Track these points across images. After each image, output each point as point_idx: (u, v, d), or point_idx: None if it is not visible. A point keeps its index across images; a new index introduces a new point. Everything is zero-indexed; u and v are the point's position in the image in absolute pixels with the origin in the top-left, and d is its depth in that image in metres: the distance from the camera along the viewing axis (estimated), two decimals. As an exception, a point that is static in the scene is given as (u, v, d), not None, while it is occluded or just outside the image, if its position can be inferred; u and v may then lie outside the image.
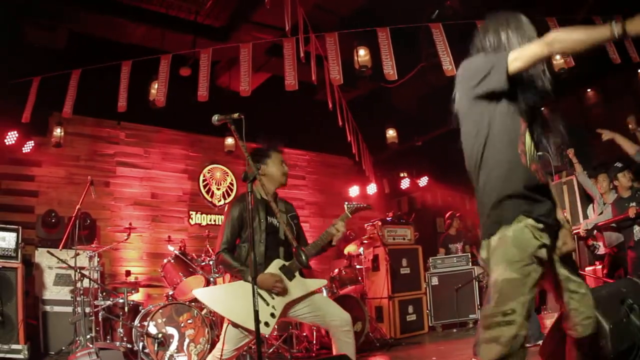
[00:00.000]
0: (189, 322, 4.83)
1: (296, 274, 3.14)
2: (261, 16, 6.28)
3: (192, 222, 8.03)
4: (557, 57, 5.67)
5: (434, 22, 5.48)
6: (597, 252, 5.94)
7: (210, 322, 4.91)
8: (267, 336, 5.03)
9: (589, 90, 7.57)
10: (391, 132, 8.26)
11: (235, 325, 2.92)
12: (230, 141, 7.97)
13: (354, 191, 9.48)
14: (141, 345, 4.60)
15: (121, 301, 5.08)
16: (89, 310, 4.86)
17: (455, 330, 6.94)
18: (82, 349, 4.40)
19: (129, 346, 4.79)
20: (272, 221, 3.19)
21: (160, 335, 4.62)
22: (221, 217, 8.06)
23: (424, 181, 9.39)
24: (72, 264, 4.92)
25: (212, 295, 3.17)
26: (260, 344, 2.53)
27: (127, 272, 5.99)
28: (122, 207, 7.49)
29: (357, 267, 6.88)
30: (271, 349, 5.53)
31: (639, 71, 6.66)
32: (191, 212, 8.06)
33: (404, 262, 7.31)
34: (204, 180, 8.33)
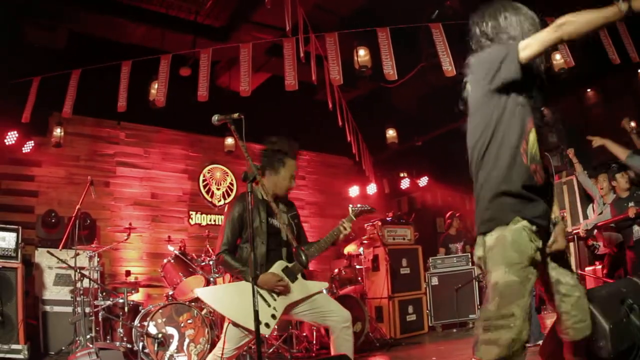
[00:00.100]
0: (189, 322, 4.83)
1: (298, 275, 3.13)
2: (261, 16, 6.29)
3: (192, 222, 8.04)
4: (557, 57, 5.67)
5: (434, 22, 5.48)
6: (597, 252, 5.94)
7: (210, 322, 4.91)
8: (267, 336, 5.04)
9: (589, 90, 7.57)
10: (391, 132, 8.26)
11: (235, 324, 2.91)
12: (230, 141, 7.97)
13: (354, 191, 9.48)
14: (141, 345, 4.60)
15: (121, 301, 5.08)
16: (89, 310, 4.85)
17: (455, 330, 6.94)
18: (82, 349, 4.40)
19: (129, 346, 4.78)
20: (274, 222, 3.16)
21: (160, 335, 4.62)
22: (221, 217, 8.06)
23: (424, 181, 9.39)
24: (72, 264, 4.92)
25: (214, 294, 3.16)
26: (260, 344, 2.53)
27: (127, 272, 5.99)
28: (122, 207, 7.49)
29: (357, 267, 6.88)
30: (271, 349, 5.53)
31: (639, 71, 6.66)
32: (191, 212, 8.07)
33: (404, 262, 7.31)
34: (204, 180, 8.33)
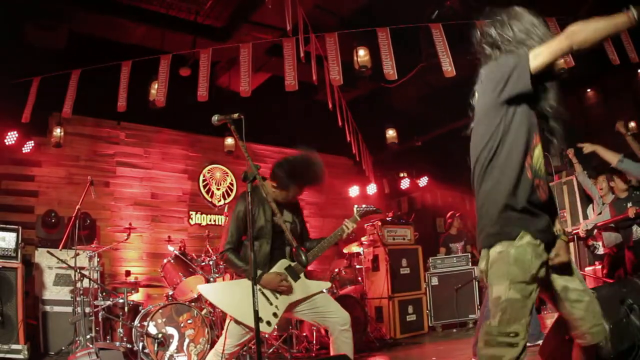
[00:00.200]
0: (189, 322, 4.83)
1: (301, 275, 3.15)
2: (261, 16, 6.30)
3: (192, 222, 8.04)
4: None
5: (433, 22, 5.48)
6: (597, 252, 5.95)
7: (210, 322, 4.91)
8: (267, 335, 5.04)
9: (588, 90, 7.58)
10: (391, 132, 8.26)
11: (237, 322, 2.93)
12: (230, 141, 7.98)
13: (354, 191, 9.47)
14: (141, 345, 4.60)
15: (121, 301, 5.08)
16: (88, 310, 4.85)
17: (455, 330, 6.94)
18: (82, 349, 4.40)
19: (129, 346, 4.78)
20: (278, 221, 3.18)
21: (160, 335, 4.62)
22: (221, 217, 8.07)
23: (423, 181, 9.39)
24: (72, 264, 4.92)
25: (216, 291, 3.18)
26: (260, 343, 2.53)
27: (127, 272, 5.99)
28: (122, 207, 7.49)
29: (357, 267, 6.88)
30: (271, 349, 5.53)
31: (639, 71, 6.67)
32: (191, 212, 8.07)
33: (404, 262, 7.31)
34: (204, 180, 8.33)
